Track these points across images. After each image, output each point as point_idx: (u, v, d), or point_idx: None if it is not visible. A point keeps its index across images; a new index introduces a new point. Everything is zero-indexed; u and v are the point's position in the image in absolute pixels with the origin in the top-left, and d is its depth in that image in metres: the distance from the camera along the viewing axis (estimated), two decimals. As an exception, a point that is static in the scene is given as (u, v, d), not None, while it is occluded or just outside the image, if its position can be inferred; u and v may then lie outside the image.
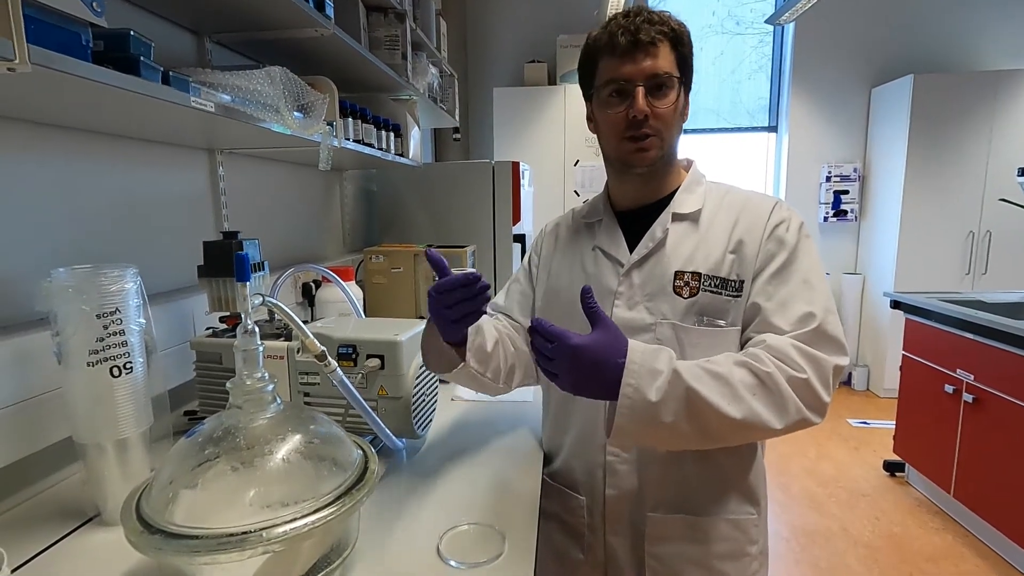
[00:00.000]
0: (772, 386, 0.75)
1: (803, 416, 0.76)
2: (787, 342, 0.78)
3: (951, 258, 3.78)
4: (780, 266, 0.85)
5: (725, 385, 0.75)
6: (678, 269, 0.88)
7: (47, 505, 0.87)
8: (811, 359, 0.77)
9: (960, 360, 2.39)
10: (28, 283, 0.89)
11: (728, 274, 0.86)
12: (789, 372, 0.76)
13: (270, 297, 0.76)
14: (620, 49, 0.85)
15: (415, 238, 2.28)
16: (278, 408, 0.67)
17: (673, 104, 0.86)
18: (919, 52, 4.01)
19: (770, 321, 0.82)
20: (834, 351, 0.80)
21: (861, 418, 3.70)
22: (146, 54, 0.76)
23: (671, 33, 0.85)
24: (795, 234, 0.87)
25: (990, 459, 2.24)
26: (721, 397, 0.74)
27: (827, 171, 4.17)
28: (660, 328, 0.88)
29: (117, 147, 1.12)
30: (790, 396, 0.75)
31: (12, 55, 0.55)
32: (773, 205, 0.90)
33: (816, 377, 0.77)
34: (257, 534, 0.54)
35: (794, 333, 0.80)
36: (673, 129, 0.88)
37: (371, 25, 1.71)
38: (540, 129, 3.83)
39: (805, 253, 0.86)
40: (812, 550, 2.35)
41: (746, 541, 0.91)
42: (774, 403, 0.75)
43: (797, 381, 0.76)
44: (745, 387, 0.75)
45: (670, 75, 0.85)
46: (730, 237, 0.88)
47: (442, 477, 0.96)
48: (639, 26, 0.84)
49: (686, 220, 0.91)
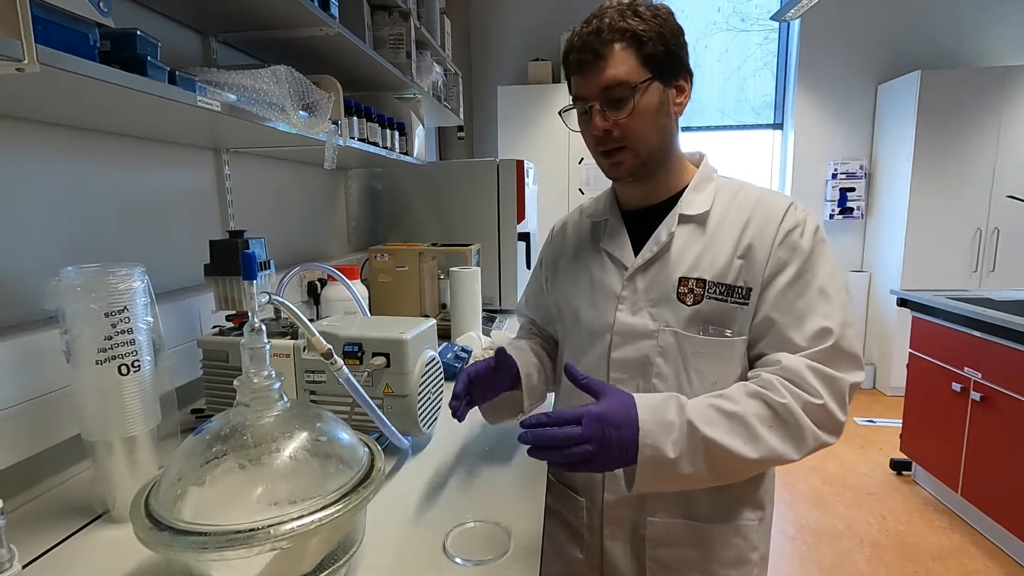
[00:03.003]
0: (788, 417, 0.73)
1: (820, 442, 0.75)
2: (802, 364, 0.76)
3: (958, 255, 3.76)
4: (794, 276, 0.81)
5: (740, 424, 0.73)
6: (682, 275, 0.85)
7: (57, 502, 0.87)
8: (827, 380, 0.75)
9: (968, 358, 2.37)
10: (37, 281, 0.90)
11: (735, 280, 0.83)
12: (805, 399, 0.74)
13: (276, 295, 0.76)
14: (573, 66, 0.83)
15: (420, 237, 2.28)
16: (285, 406, 0.68)
17: (630, 114, 0.80)
18: (926, 48, 3.98)
19: (785, 337, 0.80)
20: (851, 367, 0.78)
21: (868, 416, 3.69)
22: (152, 54, 0.76)
23: (629, 33, 0.79)
24: (810, 239, 0.82)
25: (998, 457, 2.22)
26: (737, 438, 0.72)
27: (833, 168, 4.15)
28: (662, 335, 0.85)
29: (124, 147, 1.13)
30: (807, 425, 0.74)
31: (21, 55, 0.55)
32: (787, 207, 0.84)
33: (833, 399, 0.75)
34: (265, 531, 0.55)
35: (809, 352, 0.77)
36: (649, 133, 0.83)
37: (375, 24, 1.71)
38: (544, 127, 3.83)
39: (821, 260, 0.82)
40: (818, 548, 2.35)
41: (748, 547, 0.89)
42: (791, 435, 0.74)
43: (813, 407, 0.74)
44: (761, 422, 0.73)
45: (624, 83, 0.79)
46: (739, 241, 0.84)
47: (448, 475, 0.96)
48: (585, 40, 0.80)
49: (693, 222, 0.87)
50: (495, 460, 1.01)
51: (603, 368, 0.90)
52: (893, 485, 2.84)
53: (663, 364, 0.85)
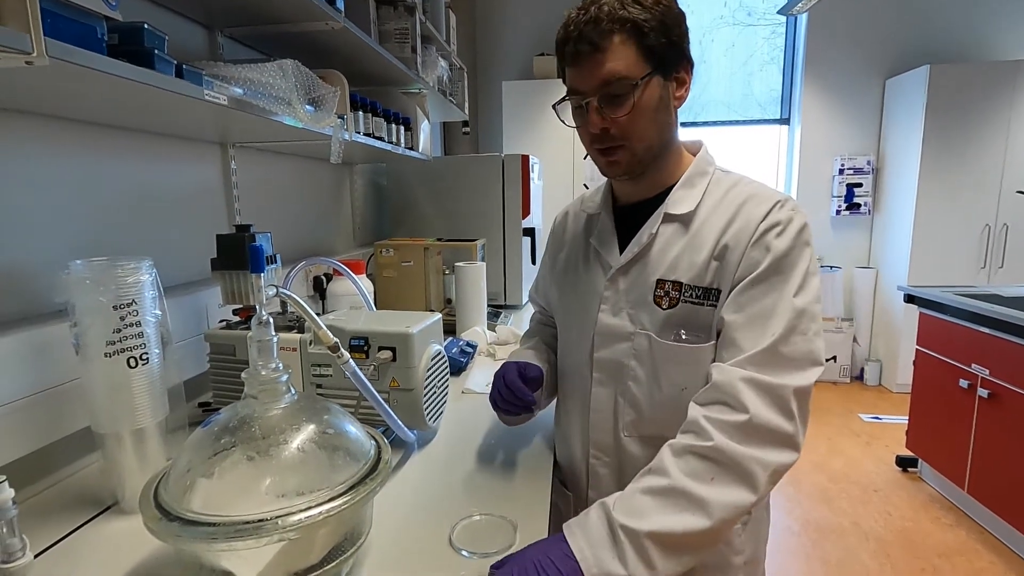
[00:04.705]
0: (723, 459, 0.66)
1: (774, 466, 0.67)
2: (735, 376, 0.70)
3: (967, 251, 3.73)
4: (758, 276, 0.74)
5: (678, 496, 0.65)
6: (659, 277, 0.81)
7: (67, 493, 0.88)
8: (764, 390, 0.69)
9: (976, 355, 2.36)
10: (46, 275, 0.91)
11: (710, 283, 0.78)
12: (734, 423, 0.67)
13: (283, 288, 0.77)
14: (568, 57, 0.78)
15: (425, 232, 2.28)
16: (292, 398, 0.68)
17: (630, 111, 0.76)
18: (935, 41, 3.95)
19: (731, 339, 0.74)
20: (793, 370, 0.70)
21: (873, 413, 3.67)
22: (160, 47, 0.76)
23: (629, 23, 0.73)
24: (789, 239, 0.75)
25: (1006, 454, 2.21)
26: (683, 513, 0.64)
27: (840, 164, 4.13)
28: (637, 338, 0.83)
29: (132, 141, 1.13)
30: (748, 456, 0.66)
31: (30, 48, 0.55)
32: (772, 205, 0.78)
33: (772, 410, 0.68)
34: (273, 522, 0.55)
35: (745, 356, 0.71)
36: (648, 131, 0.79)
37: (381, 18, 1.71)
38: (550, 122, 3.81)
39: (793, 264, 0.74)
40: (823, 545, 2.34)
41: (730, 552, 0.86)
42: (736, 477, 0.66)
43: (747, 428, 0.67)
44: (699, 481, 0.66)
45: (624, 79, 0.75)
46: (717, 242, 0.79)
47: (454, 468, 0.96)
48: (582, 30, 0.74)
49: (677, 221, 0.83)
50: (501, 453, 1.02)
51: (587, 368, 0.90)
52: (899, 482, 2.83)
53: (637, 367, 0.84)
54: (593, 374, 0.89)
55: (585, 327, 0.90)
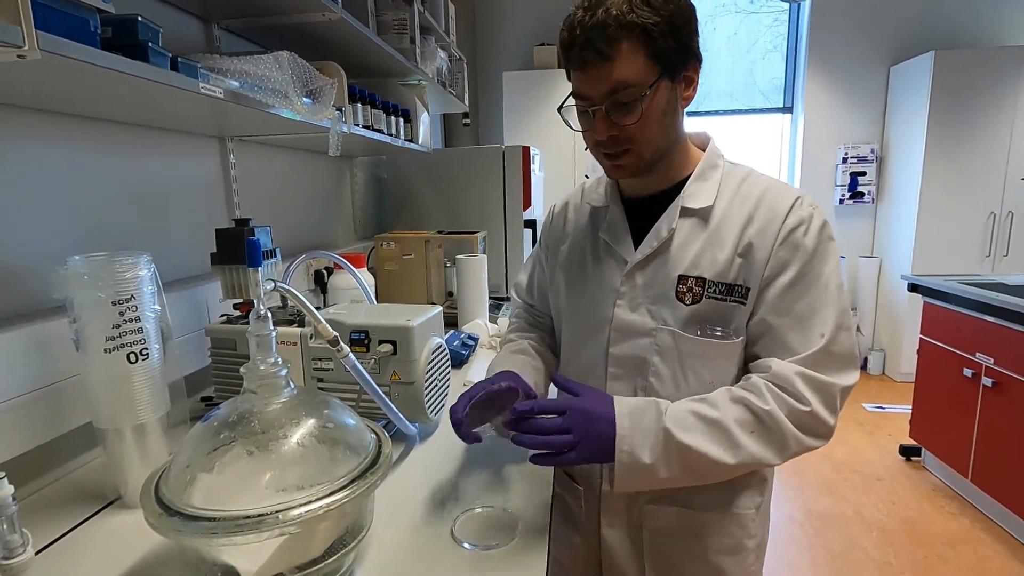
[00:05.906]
0: (771, 423, 0.73)
1: (805, 447, 0.75)
2: (791, 370, 0.75)
3: (971, 240, 3.71)
4: (794, 278, 0.77)
5: (719, 430, 0.73)
6: (682, 273, 0.81)
7: (69, 489, 0.88)
8: (817, 387, 0.74)
9: (980, 344, 2.35)
10: (44, 271, 0.90)
11: (735, 279, 0.79)
12: (791, 405, 0.74)
13: (282, 283, 0.76)
14: (574, 63, 0.76)
15: (426, 224, 2.28)
16: (292, 393, 0.68)
17: (639, 119, 0.75)
18: (940, 28, 3.90)
19: (780, 341, 0.78)
20: (842, 370, 0.76)
21: (877, 403, 3.67)
22: (154, 40, 0.75)
23: (638, 29, 0.71)
24: (814, 238, 0.78)
25: (1009, 443, 2.21)
26: (715, 445, 0.73)
27: (843, 152, 4.10)
28: (660, 334, 0.83)
29: (130, 136, 1.12)
30: (790, 431, 0.73)
31: (21, 41, 0.54)
32: (792, 202, 0.79)
33: (821, 405, 0.74)
34: (273, 516, 0.55)
35: (800, 357, 0.76)
36: (656, 135, 0.78)
37: (379, 8, 1.69)
38: (550, 113, 3.79)
39: (823, 260, 0.78)
40: (826, 534, 2.35)
41: (744, 535, 0.88)
42: (773, 441, 0.74)
43: (800, 413, 0.74)
44: (741, 428, 0.73)
45: (632, 87, 0.73)
46: (740, 238, 0.79)
47: (455, 461, 0.96)
48: (588, 35, 0.72)
49: (695, 216, 0.83)
50: (502, 447, 1.01)
51: (601, 364, 0.88)
52: (902, 471, 2.83)
53: (660, 363, 0.83)
54: (609, 369, 0.87)
55: (598, 323, 0.88)
